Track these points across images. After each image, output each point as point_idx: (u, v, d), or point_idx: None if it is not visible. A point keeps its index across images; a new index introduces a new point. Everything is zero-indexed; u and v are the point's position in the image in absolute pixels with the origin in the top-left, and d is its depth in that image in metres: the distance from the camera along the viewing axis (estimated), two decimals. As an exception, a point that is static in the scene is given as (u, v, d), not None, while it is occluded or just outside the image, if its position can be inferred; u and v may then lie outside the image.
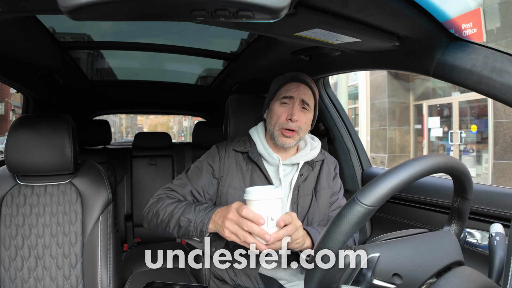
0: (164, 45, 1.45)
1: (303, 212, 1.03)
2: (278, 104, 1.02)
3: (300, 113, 1.01)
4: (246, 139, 1.09)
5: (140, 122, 45.22)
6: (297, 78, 1.04)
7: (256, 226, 0.72)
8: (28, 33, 1.01)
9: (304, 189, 1.05)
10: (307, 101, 1.01)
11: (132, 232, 2.17)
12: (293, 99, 1.01)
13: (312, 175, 1.08)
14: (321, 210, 1.05)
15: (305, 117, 1.02)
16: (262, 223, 0.72)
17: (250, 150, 1.05)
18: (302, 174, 1.05)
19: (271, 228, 0.73)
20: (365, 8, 0.71)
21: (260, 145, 1.05)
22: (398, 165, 0.52)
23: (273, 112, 1.03)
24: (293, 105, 1.00)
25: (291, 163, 1.06)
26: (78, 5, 0.50)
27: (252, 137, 1.08)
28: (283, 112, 1.01)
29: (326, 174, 1.11)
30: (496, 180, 5.51)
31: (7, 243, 1.06)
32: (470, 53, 0.77)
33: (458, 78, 0.79)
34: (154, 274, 1.21)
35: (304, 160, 1.06)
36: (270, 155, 1.03)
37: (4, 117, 13.88)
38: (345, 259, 0.51)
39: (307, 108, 1.02)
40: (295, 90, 1.01)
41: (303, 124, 1.02)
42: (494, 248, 0.56)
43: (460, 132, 6.84)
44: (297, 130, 1.00)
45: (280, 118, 1.00)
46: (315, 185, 1.08)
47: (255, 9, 0.54)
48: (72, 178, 1.15)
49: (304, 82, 1.03)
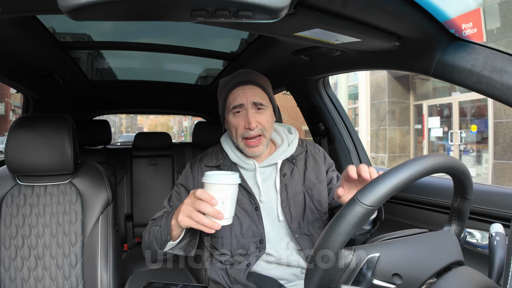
0: (164, 45, 1.45)
1: (298, 213, 0.99)
2: (232, 115, 0.97)
3: (257, 115, 0.95)
4: (218, 150, 1.06)
5: (140, 122, 45.24)
6: (241, 81, 0.97)
7: (210, 206, 0.74)
8: (28, 33, 1.01)
9: (292, 188, 1.00)
10: (259, 101, 0.95)
11: (132, 232, 2.17)
12: (244, 106, 0.95)
13: (297, 171, 1.03)
14: (318, 207, 1.02)
15: (264, 117, 0.96)
16: (214, 203, 0.74)
17: (222, 163, 1.02)
18: (285, 174, 1.01)
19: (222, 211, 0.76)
20: (365, 8, 0.71)
21: (232, 155, 1.02)
22: (398, 165, 0.52)
23: (230, 124, 0.98)
24: (246, 112, 0.94)
25: (269, 164, 1.01)
26: (78, 5, 0.50)
27: (223, 147, 1.05)
28: (239, 122, 0.95)
29: (313, 167, 1.05)
30: (496, 180, 5.51)
31: (7, 243, 1.06)
32: (470, 53, 0.77)
33: (458, 78, 0.79)
34: (154, 274, 1.21)
35: (281, 158, 1.01)
36: (245, 162, 1.00)
37: (4, 117, 13.89)
38: (345, 259, 0.51)
39: (262, 107, 0.96)
40: (242, 95, 0.95)
41: (265, 124, 0.96)
42: (494, 248, 0.56)
43: (460, 132, 6.84)
44: (261, 133, 0.95)
45: (239, 129, 0.96)
46: (304, 181, 1.02)
47: (255, 9, 0.54)
48: (72, 178, 1.15)
49: (249, 82, 0.97)
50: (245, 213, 0.97)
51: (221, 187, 0.75)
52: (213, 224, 0.75)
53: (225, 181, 0.75)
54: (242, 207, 0.97)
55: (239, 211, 0.97)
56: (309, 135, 1.85)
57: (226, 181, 0.76)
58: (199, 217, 0.75)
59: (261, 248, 0.96)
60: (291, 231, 0.97)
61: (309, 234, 0.99)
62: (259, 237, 0.96)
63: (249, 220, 0.97)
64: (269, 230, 0.98)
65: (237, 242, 0.96)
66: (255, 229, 0.96)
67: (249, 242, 0.96)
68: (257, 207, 0.97)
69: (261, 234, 0.96)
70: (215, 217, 0.75)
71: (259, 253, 0.96)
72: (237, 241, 0.96)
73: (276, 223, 0.99)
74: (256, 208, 0.97)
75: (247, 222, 0.97)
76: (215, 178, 0.76)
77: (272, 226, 0.99)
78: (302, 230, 0.98)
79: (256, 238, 0.96)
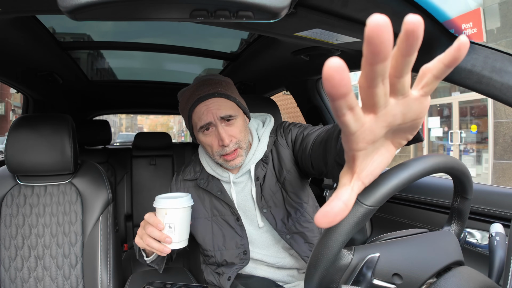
0: (164, 45, 1.45)
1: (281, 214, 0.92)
2: (202, 135, 0.89)
3: (229, 129, 0.86)
4: (197, 161, 1.02)
5: (140, 122, 45.23)
6: (201, 97, 0.86)
7: (156, 231, 0.75)
8: (28, 33, 1.01)
9: (268, 190, 0.93)
10: (226, 114, 0.85)
11: (132, 232, 2.17)
12: (212, 123, 0.86)
13: (269, 170, 0.94)
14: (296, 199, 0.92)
15: (236, 128, 0.87)
16: (161, 228, 0.75)
17: (199, 177, 0.98)
18: (257, 177, 0.93)
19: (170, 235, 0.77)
20: (365, 8, 0.71)
21: (208, 168, 0.97)
22: (398, 165, 0.52)
23: (203, 143, 0.91)
24: (216, 128, 0.86)
25: (243, 173, 0.94)
26: (78, 5, 0.50)
27: (200, 159, 1.00)
28: (212, 140, 0.87)
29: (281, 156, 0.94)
30: (496, 180, 5.52)
31: (7, 243, 1.06)
32: (470, 53, 0.77)
33: (458, 78, 0.79)
34: (154, 274, 1.21)
35: (253, 163, 0.93)
36: (220, 175, 0.95)
37: (4, 117, 13.89)
38: (345, 259, 0.51)
39: (232, 118, 0.87)
40: (207, 113, 0.85)
41: (239, 135, 0.88)
42: (494, 248, 0.56)
43: (460, 132, 6.84)
44: (237, 146, 0.88)
45: (213, 148, 0.88)
46: (277, 177, 0.94)
47: (255, 9, 0.54)
48: (72, 178, 1.15)
49: (210, 96, 0.86)
50: (227, 225, 0.96)
51: (166, 211, 0.75)
52: (162, 248, 0.75)
53: (171, 205, 0.75)
54: (224, 219, 0.96)
55: (221, 224, 0.96)
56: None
57: (172, 205, 0.75)
58: (148, 241, 0.76)
59: (245, 259, 0.95)
60: (280, 234, 0.93)
61: (298, 231, 0.93)
62: (242, 249, 0.95)
63: (232, 232, 0.95)
64: (256, 237, 0.96)
65: (220, 255, 0.95)
66: (238, 241, 0.95)
67: (232, 254, 0.95)
68: (238, 218, 0.95)
69: (244, 245, 0.95)
70: (163, 241, 0.75)
71: (242, 264, 0.95)
72: (221, 253, 0.95)
73: (259, 229, 0.97)
74: (237, 219, 0.95)
75: (230, 233, 0.95)
76: (161, 202, 0.76)
77: (258, 233, 0.97)
78: (290, 230, 0.93)
79: (240, 249, 0.95)
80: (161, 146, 2.30)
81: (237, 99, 0.91)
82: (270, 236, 0.97)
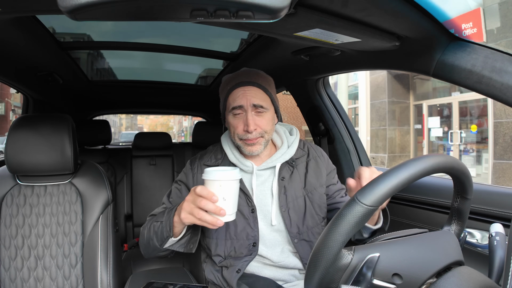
0: (164, 45, 1.45)
1: (298, 218, 0.97)
2: (232, 116, 0.95)
3: (256, 118, 0.93)
4: (218, 149, 1.05)
5: (140, 122, 45.25)
6: (242, 82, 0.94)
7: (211, 203, 0.74)
8: (28, 33, 1.01)
9: (292, 192, 0.98)
10: (259, 104, 0.92)
11: (132, 232, 2.17)
12: (244, 107, 0.92)
13: (297, 174, 1.01)
14: (318, 212, 1.00)
15: (264, 120, 0.94)
16: (215, 200, 0.74)
17: (221, 163, 1.01)
18: (283, 177, 0.98)
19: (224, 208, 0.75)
20: (365, 8, 0.71)
21: (231, 155, 1.00)
22: (398, 165, 0.52)
23: (229, 124, 0.97)
24: (245, 114, 0.92)
25: (267, 167, 0.99)
26: (78, 5, 0.49)
27: (223, 146, 1.03)
28: (238, 123, 0.94)
29: (314, 171, 1.03)
30: (496, 180, 5.52)
31: (7, 243, 1.06)
32: (470, 53, 0.77)
33: (458, 78, 0.79)
34: (154, 274, 1.21)
35: (280, 162, 0.99)
36: (243, 163, 0.98)
37: (4, 117, 13.89)
38: (345, 259, 0.51)
39: (262, 110, 0.93)
40: (242, 97, 0.92)
41: (265, 127, 0.94)
42: (494, 248, 0.56)
43: (460, 132, 6.85)
44: (260, 135, 0.94)
45: (237, 130, 0.94)
46: (304, 185, 1.00)
47: (255, 9, 0.54)
48: (72, 178, 1.15)
49: (250, 84, 0.94)
50: (240, 215, 0.96)
51: (221, 183, 0.74)
52: (215, 221, 0.74)
53: (225, 177, 0.75)
54: (238, 209, 0.96)
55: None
56: (309, 135, 1.85)
57: (226, 177, 0.75)
58: (201, 214, 0.75)
59: (253, 251, 0.95)
60: (290, 236, 0.96)
61: (308, 240, 0.97)
62: (252, 240, 0.95)
63: (244, 222, 0.96)
64: (265, 234, 0.97)
65: (230, 244, 0.95)
66: (250, 231, 0.95)
67: (242, 244, 0.95)
68: (253, 209, 0.96)
69: (255, 237, 0.95)
70: (217, 214, 0.74)
71: (250, 256, 0.95)
72: (231, 242, 0.95)
73: (271, 227, 0.98)
74: (252, 210, 0.96)
75: (242, 223, 0.95)
76: (214, 174, 0.75)
77: (268, 230, 0.98)
78: (301, 236, 0.97)
79: (250, 240, 0.95)
80: (161, 146, 2.30)
81: (273, 95, 0.98)
82: (278, 236, 0.98)
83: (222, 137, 1.07)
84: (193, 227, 0.89)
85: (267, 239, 0.97)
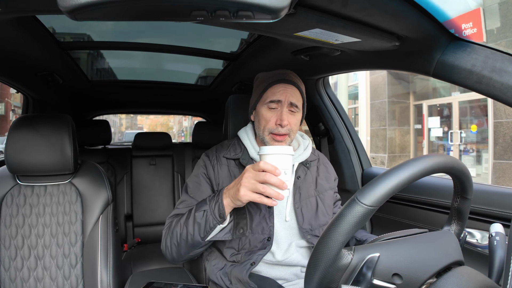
0: (164, 45, 1.45)
1: (310, 215, 1.01)
2: (266, 108, 0.98)
3: (289, 116, 0.97)
4: (236, 143, 1.06)
5: (140, 122, 45.22)
6: (284, 79, 0.99)
7: (274, 177, 0.77)
8: (28, 33, 1.01)
9: (305, 191, 1.02)
10: (295, 103, 0.98)
11: (132, 232, 2.17)
12: (281, 102, 0.97)
13: (310, 175, 1.06)
14: (329, 211, 1.05)
15: (294, 119, 0.99)
16: (279, 173, 0.77)
17: (241, 156, 1.02)
18: (299, 176, 1.03)
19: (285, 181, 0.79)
20: (365, 8, 0.71)
21: (251, 149, 1.02)
22: (398, 165, 0.52)
23: (261, 116, 0.99)
24: (281, 109, 0.96)
25: None
26: (78, 5, 0.49)
27: (243, 140, 1.05)
28: (272, 116, 0.97)
29: (325, 175, 1.10)
30: (496, 180, 5.52)
31: (7, 243, 1.06)
32: (470, 53, 0.77)
33: (458, 78, 0.79)
34: (154, 274, 1.21)
35: (298, 161, 1.03)
36: None
37: (4, 117, 13.88)
38: (345, 259, 0.51)
39: (296, 110, 0.99)
40: (282, 92, 0.97)
41: (294, 126, 0.99)
42: (494, 248, 0.56)
43: (460, 132, 6.85)
44: (288, 133, 0.98)
45: (269, 123, 0.97)
46: (316, 186, 1.06)
47: (255, 9, 0.54)
48: (72, 178, 1.15)
49: (291, 83, 0.99)
50: (257, 209, 0.97)
51: (281, 157, 0.78)
52: (278, 194, 0.77)
53: (285, 151, 0.79)
54: (256, 204, 0.97)
55: (251, 206, 0.97)
56: (309, 135, 1.85)
57: (286, 151, 0.79)
58: (265, 188, 0.77)
59: (268, 245, 0.96)
60: (303, 232, 0.98)
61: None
62: (267, 234, 0.96)
63: (260, 217, 0.97)
64: (279, 229, 0.99)
65: (245, 237, 0.96)
66: (265, 226, 0.96)
67: (257, 238, 0.96)
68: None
69: (270, 231, 0.96)
70: (280, 187, 0.77)
71: (264, 250, 0.96)
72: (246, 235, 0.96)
73: (285, 223, 0.99)
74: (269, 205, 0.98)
75: (258, 218, 0.97)
76: (275, 149, 0.79)
77: (281, 226, 0.99)
78: (313, 232, 0.99)
79: (265, 235, 0.96)
80: (161, 146, 2.30)
81: (305, 100, 1.03)
82: (288, 232, 0.99)
83: (240, 132, 1.08)
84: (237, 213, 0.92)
85: (279, 235, 0.99)
